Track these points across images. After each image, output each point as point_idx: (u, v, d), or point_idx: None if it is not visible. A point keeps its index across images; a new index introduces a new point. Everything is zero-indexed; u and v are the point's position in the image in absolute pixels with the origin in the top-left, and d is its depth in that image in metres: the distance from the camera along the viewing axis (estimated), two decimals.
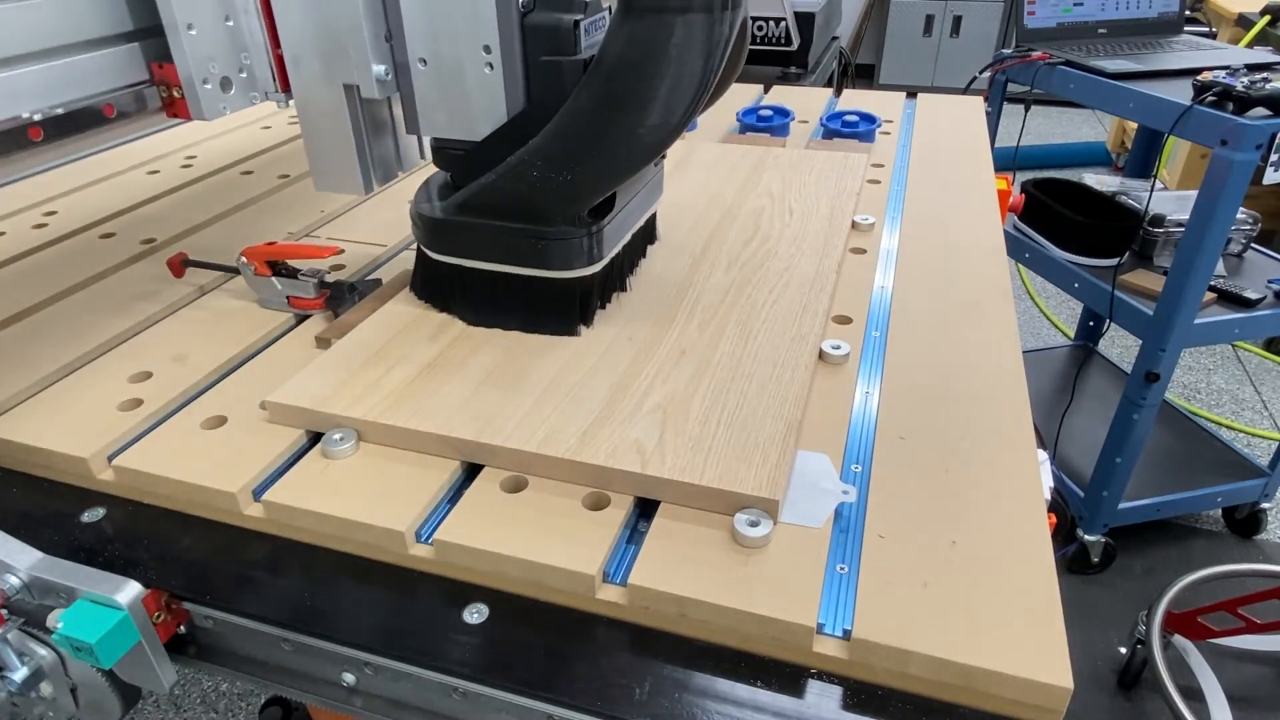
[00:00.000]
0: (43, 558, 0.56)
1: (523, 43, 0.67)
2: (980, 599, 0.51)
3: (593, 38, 0.68)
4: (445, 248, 0.75)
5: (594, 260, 0.73)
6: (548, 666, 0.50)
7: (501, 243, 0.73)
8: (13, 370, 0.73)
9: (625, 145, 0.66)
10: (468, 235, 0.74)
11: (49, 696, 0.57)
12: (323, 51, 0.70)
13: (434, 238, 0.76)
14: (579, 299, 0.74)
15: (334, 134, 0.74)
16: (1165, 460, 2.08)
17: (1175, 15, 1.98)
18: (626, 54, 0.63)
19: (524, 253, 0.72)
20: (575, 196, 0.70)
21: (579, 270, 0.73)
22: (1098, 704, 1.71)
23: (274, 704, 1.56)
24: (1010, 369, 0.72)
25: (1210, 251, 1.56)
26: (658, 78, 0.62)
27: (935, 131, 1.33)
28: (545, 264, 0.73)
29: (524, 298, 0.75)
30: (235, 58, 0.73)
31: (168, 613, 0.56)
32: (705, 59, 0.62)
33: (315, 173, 0.77)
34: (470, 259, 0.75)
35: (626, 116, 0.64)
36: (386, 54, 0.70)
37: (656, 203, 0.88)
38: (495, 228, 0.72)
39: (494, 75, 0.67)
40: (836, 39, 2.90)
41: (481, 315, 0.77)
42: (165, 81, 0.72)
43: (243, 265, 0.83)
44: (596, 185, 0.70)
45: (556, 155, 0.67)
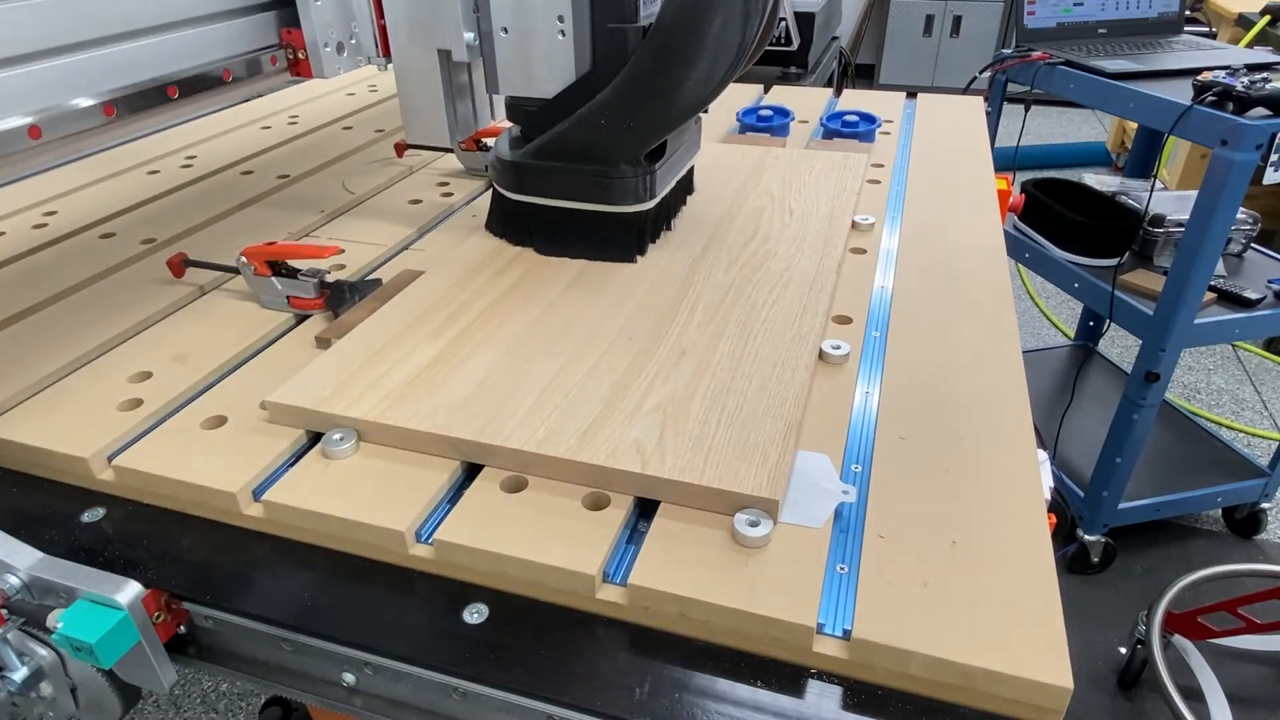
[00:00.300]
0: (43, 558, 0.56)
1: (591, 12, 0.78)
2: (980, 599, 0.51)
3: (650, 8, 0.81)
4: (522, 188, 0.88)
5: (649, 197, 0.87)
6: (548, 666, 0.50)
7: (571, 182, 0.86)
8: (13, 370, 0.73)
9: (678, 98, 0.78)
10: (542, 177, 0.86)
11: (49, 696, 0.57)
12: (420, 21, 0.84)
13: (512, 180, 0.88)
14: (636, 230, 0.88)
15: (426, 93, 0.88)
16: (1165, 460, 2.08)
17: (1175, 15, 1.98)
18: (679, 19, 0.74)
19: (590, 191, 0.85)
20: (635, 142, 0.83)
21: (637, 205, 0.86)
22: (1098, 704, 1.71)
23: (274, 704, 1.56)
24: (1010, 369, 0.72)
25: (1210, 251, 1.56)
26: (706, 39, 0.74)
27: (935, 131, 1.33)
28: (609, 200, 0.85)
29: (590, 230, 0.87)
30: (347, 26, 0.88)
31: (168, 613, 0.56)
32: (744, 26, 0.74)
33: (408, 126, 0.92)
34: (543, 197, 0.87)
35: (679, 74, 0.76)
36: (474, 23, 0.84)
37: (695, 155, 1.01)
38: (566, 169, 0.85)
39: (565, 41, 0.79)
40: (836, 39, 2.90)
41: (552, 246, 0.90)
42: (292, 45, 0.87)
43: (243, 265, 0.83)
44: (653, 132, 0.83)
45: (620, 107, 0.80)
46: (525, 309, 0.79)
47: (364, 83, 1.66)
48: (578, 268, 0.87)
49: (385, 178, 1.17)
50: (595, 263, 0.88)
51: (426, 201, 1.10)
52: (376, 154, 1.27)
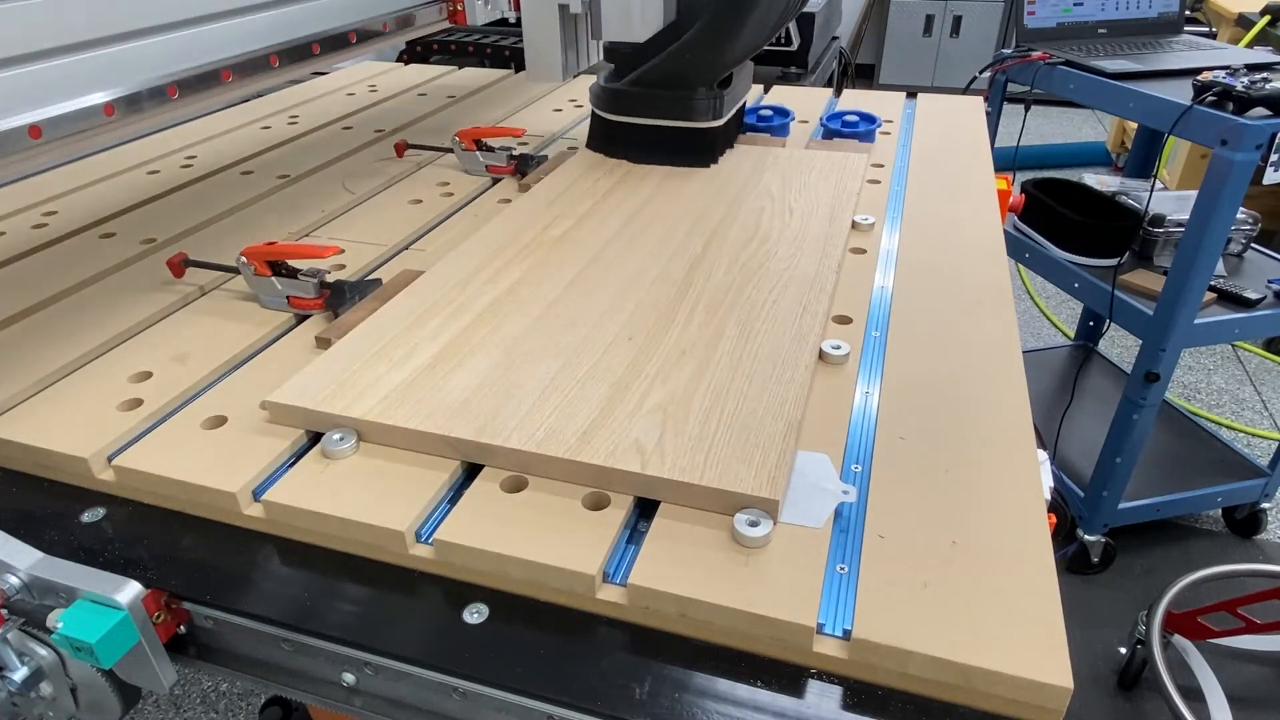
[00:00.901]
0: (43, 558, 0.56)
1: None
2: (980, 599, 0.51)
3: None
4: (621, 110, 1.14)
5: (720, 115, 1.11)
6: (548, 666, 0.50)
7: (660, 103, 1.11)
8: (13, 370, 0.73)
9: (743, 37, 1.05)
10: (638, 100, 1.13)
11: (49, 696, 0.57)
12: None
13: (612, 104, 1.15)
14: (709, 143, 1.13)
15: (548, 38, 1.05)
16: (1165, 460, 2.08)
17: (1175, 15, 1.98)
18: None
19: (676, 109, 1.11)
20: (710, 70, 1.09)
21: (711, 122, 1.11)
22: (1098, 704, 1.71)
23: (274, 704, 1.56)
24: (1010, 369, 0.72)
25: (1210, 251, 1.56)
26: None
27: (935, 131, 1.33)
28: (689, 117, 1.11)
29: (673, 142, 1.13)
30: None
31: (168, 613, 0.56)
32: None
33: (530, 66, 1.08)
34: (638, 117, 1.13)
35: (745, 17, 1.03)
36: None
37: (749, 88, 1.27)
38: (655, 94, 1.11)
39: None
40: (836, 39, 2.90)
41: (642, 156, 1.16)
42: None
43: (243, 265, 0.83)
44: (725, 63, 1.09)
45: (702, 44, 1.05)
46: (525, 309, 0.79)
47: (364, 83, 1.66)
48: (580, 265, 0.87)
49: (385, 178, 1.17)
50: (597, 259, 0.88)
51: (426, 201, 1.10)
52: (376, 154, 1.27)
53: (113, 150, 1.30)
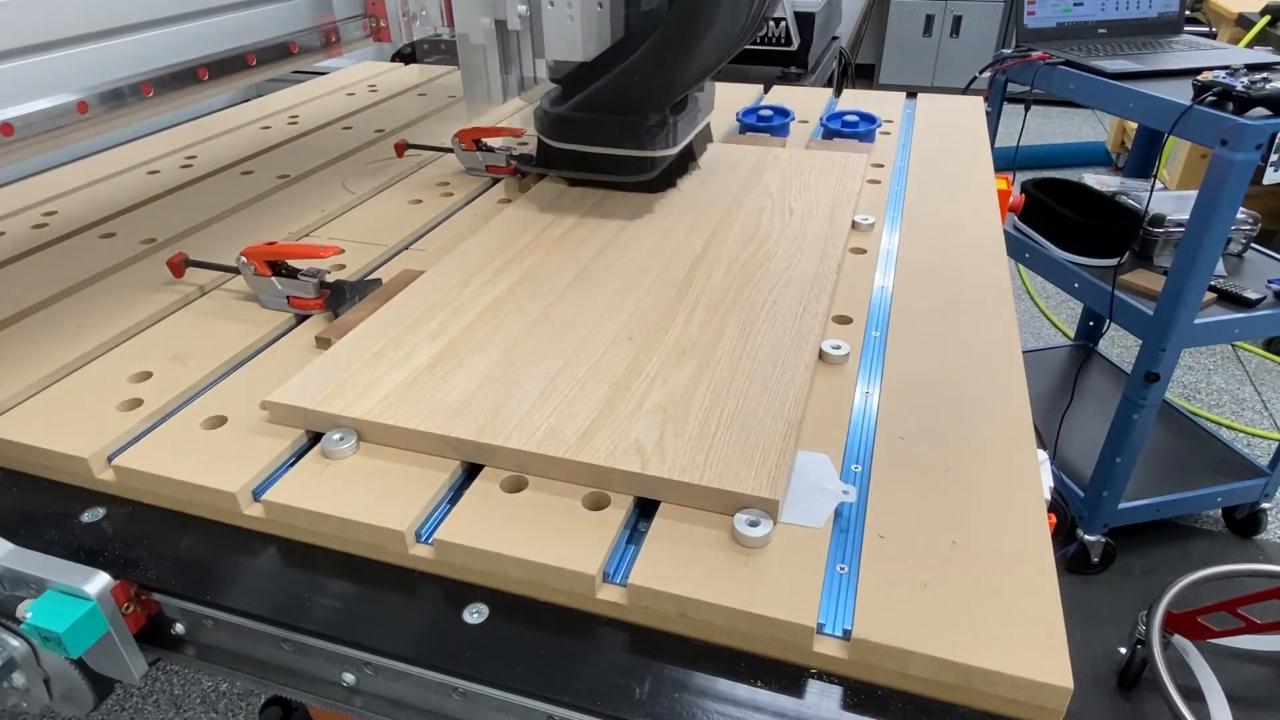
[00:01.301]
0: (13, 549, 0.56)
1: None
2: (980, 599, 0.51)
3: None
4: (565, 137, 1.03)
5: (674, 143, 1.01)
6: (548, 666, 0.50)
7: (608, 130, 1.00)
8: (13, 370, 0.73)
9: (697, 59, 0.93)
10: (583, 126, 1.01)
11: (22, 687, 0.58)
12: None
13: (557, 130, 1.03)
14: (664, 171, 1.03)
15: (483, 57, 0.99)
16: (1165, 460, 2.08)
17: (1175, 15, 1.98)
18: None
19: (625, 137, 1.00)
20: (661, 95, 0.98)
21: (663, 151, 1.01)
22: (1098, 704, 1.71)
23: (274, 704, 1.56)
24: (1010, 369, 0.72)
25: (1210, 251, 1.56)
26: (719, 11, 0.88)
27: (935, 131, 1.33)
28: (639, 146, 1.00)
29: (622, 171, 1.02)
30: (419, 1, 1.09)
31: (137, 604, 0.57)
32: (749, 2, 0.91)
33: (466, 89, 1.02)
34: (584, 144, 1.03)
35: (699, 37, 0.90)
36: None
37: (710, 111, 1.16)
38: (603, 119, 1.00)
39: (604, 12, 0.92)
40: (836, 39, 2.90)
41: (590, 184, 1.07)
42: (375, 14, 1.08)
43: (243, 265, 0.83)
44: (678, 86, 0.98)
45: (651, 66, 0.93)
46: (525, 309, 0.79)
47: (364, 83, 1.66)
48: (580, 265, 0.87)
49: (385, 178, 1.17)
50: (598, 259, 0.88)
51: (426, 201, 1.10)
52: (376, 154, 1.27)
53: (113, 150, 1.30)
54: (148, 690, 1.76)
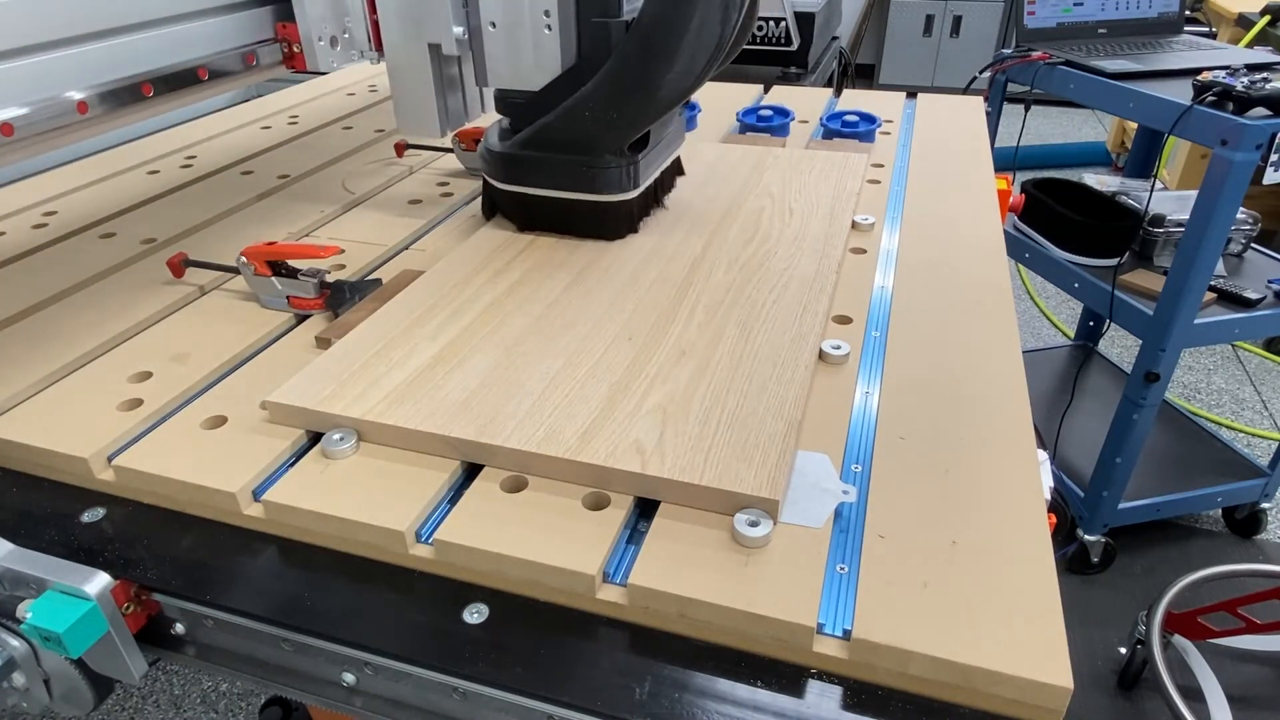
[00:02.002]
0: (13, 549, 0.56)
1: (576, 8, 0.81)
2: (980, 599, 0.51)
3: (633, 3, 0.83)
4: (511, 178, 0.91)
5: (634, 186, 0.89)
6: (548, 666, 0.50)
7: (558, 172, 0.88)
8: (13, 370, 0.73)
9: (659, 91, 0.81)
10: (530, 167, 0.89)
11: (22, 687, 0.58)
12: (411, 16, 0.85)
13: (501, 170, 0.91)
14: (624, 216, 0.91)
15: (418, 86, 0.89)
16: (1165, 460, 2.08)
17: (1175, 15, 1.98)
18: (661, 15, 0.77)
19: (577, 180, 0.88)
20: (619, 133, 0.85)
21: (622, 195, 0.89)
22: (1098, 704, 1.71)
23: (274, 704, 1.56)
24: (1010, 369, 0.72)
25: (1210, 251, 1.56)
26: (685, 35, 0.77)
27: (935, 131, 1.33)
28: (595, 189, 0.88)
29: (576, 218, 0.91)
30: (340, 21, 0.91)
31: (137, 604, 0.57)
32: (723, 22, 0.77)
33: (400, 119, 0.92)
34: (531, 187, 0.90)
35: (660, 67, 0.79)
36: (464, 18, 0.85)
37: (680, 144, 1.04)
38: (553, 160, 0.88)
39: (551, 35, 0.82)
40: (836, 39, 2.90)
41: (542, 229, 0.94)
42: (287, 39, 0.90)
43: (243, 265, 0.83)
44: (636, 123, 0.85)
45: (605, 99, 0.82)
46: (525, 309, 0.79)
47: (364, 83, 1.66)
48: (579, 265, 0.87)
49: (385, 178, 1.17)
50: (597, 260, 0.88)
51: (426, 201, 1.10)
52: (376, 154, 1.27)
53: (113, 150, 1.30)
54: (148, 690, 1.76)
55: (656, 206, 1.00)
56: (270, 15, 0.89)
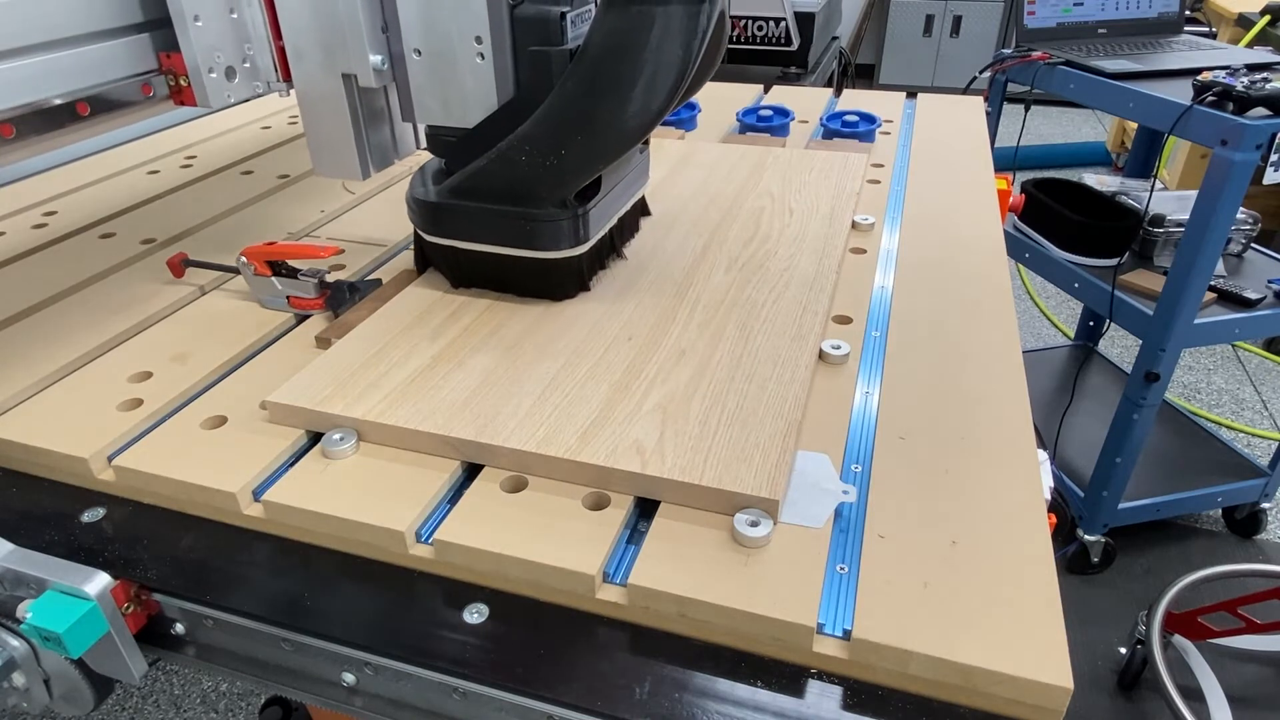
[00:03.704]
0: (13, 549, 0.56)
1: (512, 34, 0.70)
2: (980, 599, 0.51)
3: (579, 29, 0.71)
4: (440, 230, 0.79)
5: (581, 241, 0.77)
6: (548, 666, 0.50)
7: (493, 225, 0.77)
8: (13, 370, 0.73)
9: (608, 131, 0.70)
10: (461, 218, 0.77)
11: (21, 687, 0.58)
12: (322, 42, 0.74)
13: (429, 221, 0.79)
14: (569, 276, 0.79)
15: (333, 122, 0.78)
16: (1165, 460, 2.08)
17: (1175, 15, 1.98)
18: (610, 44, 0.67)
19: (514, 234, 0.76)
20: (562, 180, 0.73)
21: (567, 251, 0.77)
22: (1098, 704, 1.71)
23: (274, 704, 1.56)
24: (1010, 369, 0.72)
25: (1210, 251, 1.56)
26: (639, 67, 0.66)
27: (935, 131, 1.33)
28: (534, 245, 0.76)
29: (515, 275, 0.79)
30: (239, 48, 0.77)
31: (137, 604, 0.57)
32: (684, 49, 0.66)
33: (315, 159, 0.81)
34: (463, 240, 0.79)
35: (609, 103, 0.68)
36: (383, 44, 0.74)
37: (644, 187, 0.92)
38: (486, 210, 0.76)
39: (485, 65, 0.70)
40: (836, 39, 2.90)
41: (479, 285, 0.83)
42: (173, 70, 0.76)
43: (243, 265, 0.83)
44: (582, 169, 0.73)
45: (544, 141, 0.71)
46: (525, 309, 0.79)
47: None
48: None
49: (386, 177, 1.17)
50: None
51: None
52: None
53: (113, 150, 1.30)
54: (148, 690, 1.76)
55: (614, 258, 0.87)
56: (149, 43, 0.74)
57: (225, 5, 0.75)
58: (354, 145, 0.78)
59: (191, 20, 0.72)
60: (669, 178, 1.10)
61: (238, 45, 0.77)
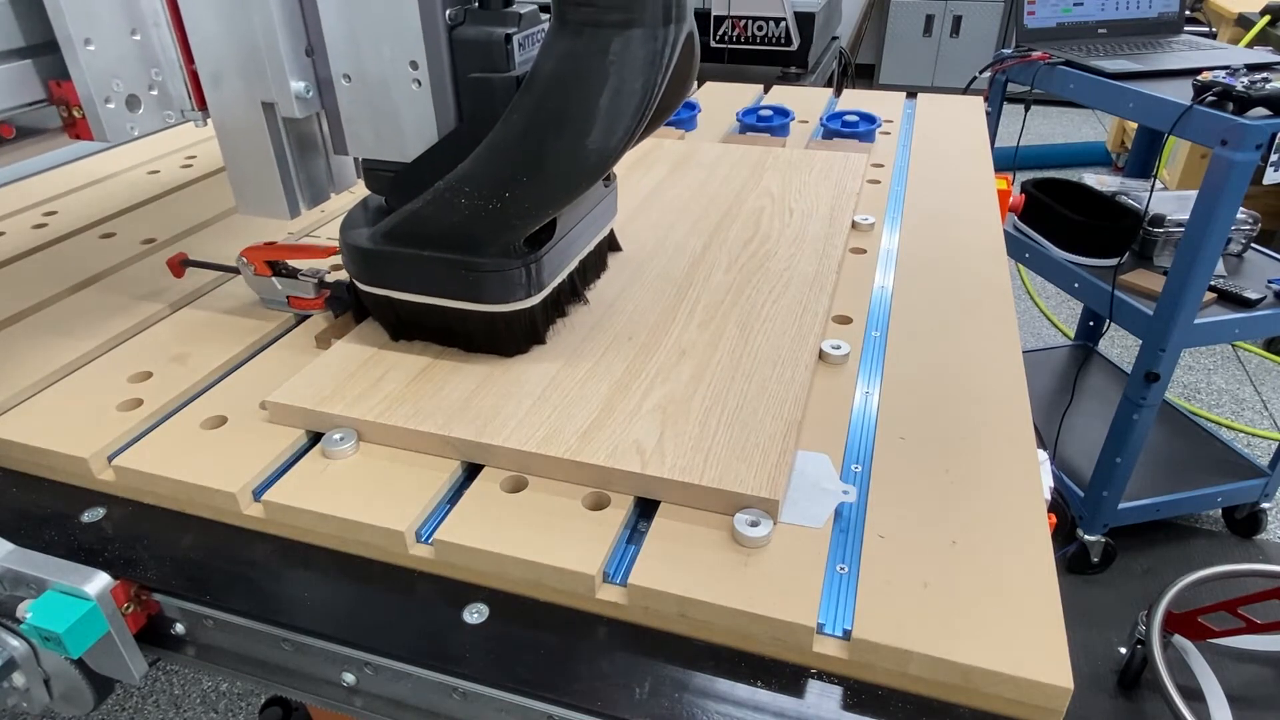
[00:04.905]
0: (13, 549, 0.56)
1: (452, 58, 0.63)
2: (980, 599, 0.51)
3: (528, 52, 0.64)
4: (374, 279, 0.71)
5: (533, 292, 0.69)
6: (548, 666, 0.50)
7: (432, 274, 0.68)
8: (13, 370, 0.73)
9: (559, 170, 0.61)
10: (398, 265, 0.69)
11: (22, 687, 0.58)
12: (239, 67, 0.66)
13: (361, 268, 0.71)
14: (520, 329, 0.71)
15: (255, 155, 0.70)
16: (1165, 460, 2.08)
17: (1175, 15, 1.98)
18: (560, 72, 0.59)
19: (456, 285, 0.68)
20: (507, 225, 0.64)
21: (516, 304, 0.68)
22: (1098, 704, 1.71)
23: (274, 704, 1.56)
24: (1010, 369, 0.72)
25: (1210, 251, 1.56)
26: (594, 98, 0.58)
27: (935, 131, 1.33)
28: (478, 297, 0.68)
29: (460, 328, 0.71)
30: (145, 74, 0.69)
31: (137, 604, 0.57)
32: (645, 78, 0.58)
33: (238, 196, 0.73)
34: (400, 291, 0.70)
35: (559, 140, 0.60)
36: (308, 69, 0.66)
37: (610, 223, 0.83)
38: (424, 258, 0.67)
39: (422, 93, 0.63)
40: (836, 39, 2.90)
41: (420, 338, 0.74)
42: (64, 100, 0.67)
43: (243, 265, 0.82)
44: (530, 213, 0.64)
45: (486, 181, 0.62)
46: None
47: None
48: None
49: None
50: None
51: None
52: None
53: (113, 150, 1.30)
54: (148, 690, 1.76)
55: (575, 303, 0.79)
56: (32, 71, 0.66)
57: (125, 25, 0.67)
58: (278, 181, 0.70)
59: (82, 44, 0.63)
60: (669, 178, 1.10)
61: (142, 70, 0.68)
